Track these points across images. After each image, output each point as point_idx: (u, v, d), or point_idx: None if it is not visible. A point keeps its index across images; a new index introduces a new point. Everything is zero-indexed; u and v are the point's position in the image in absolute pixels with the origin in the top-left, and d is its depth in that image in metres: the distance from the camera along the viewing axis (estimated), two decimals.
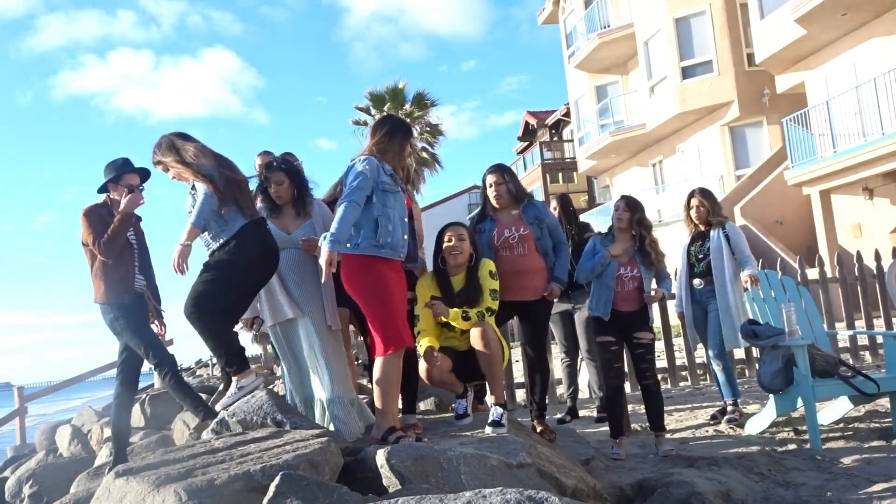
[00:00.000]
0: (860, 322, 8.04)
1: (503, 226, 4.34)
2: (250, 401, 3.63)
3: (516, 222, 4.35)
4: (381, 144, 3.72)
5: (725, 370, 5.36)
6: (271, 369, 8.87)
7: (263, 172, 4.16)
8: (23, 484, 6.76)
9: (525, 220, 4.35)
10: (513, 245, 4.30)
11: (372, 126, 4.03)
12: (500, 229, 4.33)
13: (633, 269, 4.58)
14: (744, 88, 17.00)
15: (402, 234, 3.67)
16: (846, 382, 4.55)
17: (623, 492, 3.63)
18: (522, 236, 4.30)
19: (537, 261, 4.32)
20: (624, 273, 4.57)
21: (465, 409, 4.09)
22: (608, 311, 4.54)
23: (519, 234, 4.30)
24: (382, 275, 3.55)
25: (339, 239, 3.41)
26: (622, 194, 5.08)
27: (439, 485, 2.89)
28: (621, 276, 4.56)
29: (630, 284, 4.57)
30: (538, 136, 31.92)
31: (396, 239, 3.62)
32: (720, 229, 5.40)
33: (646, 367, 4.55)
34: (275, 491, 2.40)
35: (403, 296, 3.72)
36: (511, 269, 4.25)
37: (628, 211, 4.67)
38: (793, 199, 15.69)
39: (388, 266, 3.60)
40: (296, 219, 4.13)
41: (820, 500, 3.44)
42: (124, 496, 2.63)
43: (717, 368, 5.39)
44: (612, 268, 4.57)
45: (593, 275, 4.62)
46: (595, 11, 21.13)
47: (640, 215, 4.68)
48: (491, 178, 4.42)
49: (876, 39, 13.53)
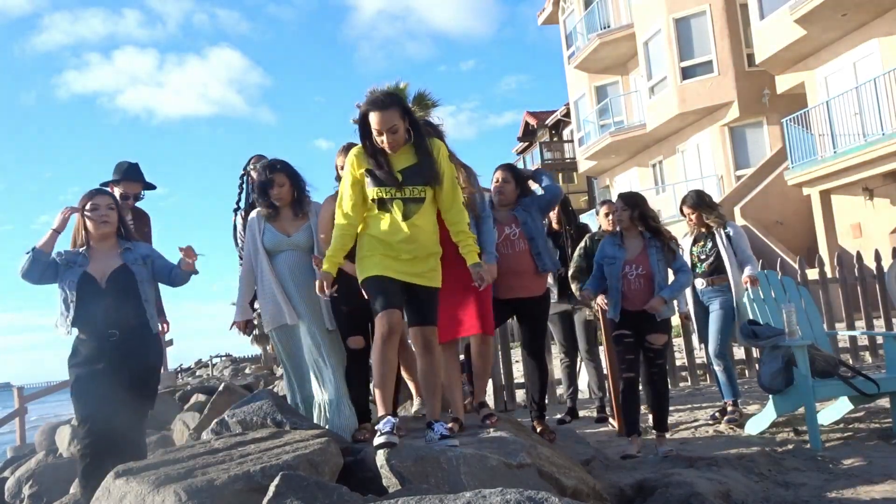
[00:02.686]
0: (860, 322, 8.03)
1: (502, 224, 4.34)
2: (251, 401, 3.64)
3: (513, 220, 4.37)
4: None
5: (726, 370, 5.36)
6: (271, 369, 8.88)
7: (264, 174, 4.15)
8: (23, 484, 6.76)
9: (518, 216, 4.37)
10: (513, 241, 4.31)
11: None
12: (500, 227, 4.32)
13: (640, 268, 4.47)
14: (744, 89, 17.01)
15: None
16: (846, 383, 4.55)
17: (623, 492, 3.63)
18: (521, 232, 4.33)
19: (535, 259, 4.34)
20: (629, 272, 4.48)
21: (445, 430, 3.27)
22: (617, 312, 4.50)
23: (519, 231, 4.33)
24: None
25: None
26: (619, 193, 5.03)
27: (439, 485, 2.88)
28: (626, 274, 4.49)
29: (637, 283, 4.46)
30: (538, 136, 31.90)
31: None
32: (722, 230, 5.39)
33: (655, 370, 4.50)
34: (275, 491, 2.40)
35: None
36: (511, 267, 4.24)
37: (627, 209, 4.55)
38: (793, 199, 15.69)
39: None
40: (294, 220, 4.12)
41: (820, 500, 3.44)
42: (124, 496, 2.63)
43: (717, 368, 5.38)
44: (616, 269, 4.50)
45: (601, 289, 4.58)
46: (595, 12, 21.14)
47: (640, 210, 4.54)
48: (497, 174, 4.44)
49: (876, 39, 13.53)
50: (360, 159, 3.36)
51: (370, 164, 3.33)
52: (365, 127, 3.34)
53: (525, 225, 4.32)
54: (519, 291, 4.29)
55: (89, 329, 3.69)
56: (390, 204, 3.31)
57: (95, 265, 3.75)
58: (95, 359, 3.67)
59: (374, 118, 3.29)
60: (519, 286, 4.28)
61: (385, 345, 3.22)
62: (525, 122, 33.26)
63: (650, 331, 4.46)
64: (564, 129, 29.44)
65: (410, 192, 3.32)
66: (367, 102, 3.34)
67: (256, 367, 25.79)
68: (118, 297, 3.70)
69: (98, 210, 3.77)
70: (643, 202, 4.62)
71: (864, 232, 14.60)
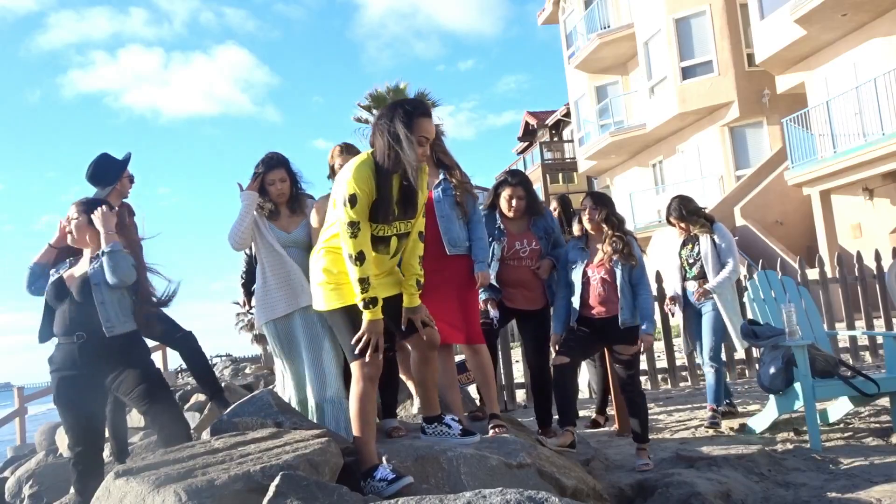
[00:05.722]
0: (860, 322, 8.04)
1: (514, 237, 4.27)
2: (251, 401, 3.64)
3: (527, 235, 4.30)
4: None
5: (718, 373, 5.29)
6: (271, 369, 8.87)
7: (261, 170, 4.08)
8: (23, 484, 6.76)
9: (535, 232, 4.31)
10: (522, 257, 4.26)
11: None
12: (511, 241, 4.25)
13: (603, 273, 4.18)
14: (744, 89, 17.01)
15: None
16: (846, 383, 4.56)
17: (623, 492, 3.63)
18: (534, 251, 4.28)
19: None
20: (592, 276, 4.20)
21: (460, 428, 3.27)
22: (575, 318, 4.22)
23: (530, 248, 4.27)
24: None
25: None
26: (588, 191, 4.99)
27: (439, 485, 2.89)
28: (589, 279, 4.20)
29: (599, 289, 4.17)
30: (538, 136, 31.91)
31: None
32: (708, 235, 5.35)
33: (627, 381, 4.25)
34: (275, 491, 2.40)
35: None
36: (517, 279, 4.23)
37: (596, 209, 4.24)
38: (793, 199, 15.69)
39: None
40: (292, 217, 4.12)
41: (820, 500, 3.44)
42: (124, 496, 2.63)
43: (709, 370, 5.32)
44: (577, 274, 4.23)
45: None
46: (595, 12, 21.14)
47: (607, 211, 4.24)
48: (511, 191, 4.28)
49: (876, 40, 13.53)
50: (371, 182, 2.86)
51: (375, 193, 2.86)
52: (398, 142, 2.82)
53: (543, 254, 4.30)
54: (520, 303, 4.27)
55: (59, 334, 3.74)
56: (386, 241, 2.98)
57: (73, 271, 3.81)
58: (69, 364, 3.70)
59: (425, 125, 2.87)
60: (520, 297, 4.26)
61: (363, 393, 2.92)
62: (525, 122, 33.27)
63: (616, 341, 4.20)
64: (564, 129, 29.44)
65: (404, 227, 3.01)
66: (415, 107, 2.89)
67: (256, 367, 25.79)
68: (83, 301, 3.71)
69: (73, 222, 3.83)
70: (611, 204, 4.37)
71: (864, 232, 14.59)
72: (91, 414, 3.73)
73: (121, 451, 4.64)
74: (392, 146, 2.82)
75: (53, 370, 3.74)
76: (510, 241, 4.25)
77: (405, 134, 2.81)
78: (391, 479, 2.78)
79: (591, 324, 4.22)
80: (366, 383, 2.93)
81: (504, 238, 4.26)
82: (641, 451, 4.19)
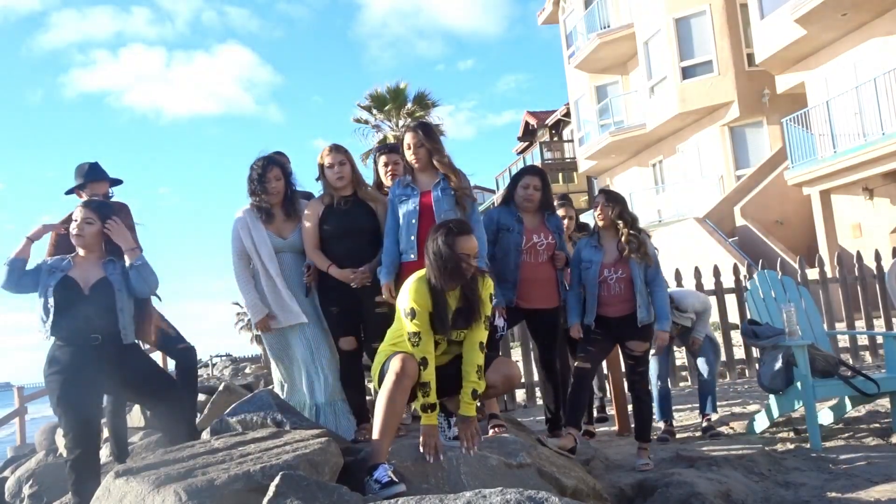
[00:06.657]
0: (860, 322, 8.04)
1: (531, 231, 4.27)
2: (251, 400, 3.64)
3: (543, 229, 4.30)
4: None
5: (662, 391, 5.13)
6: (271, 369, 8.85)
7: (257, 171, 4.03)
8: (23, 484, 6.75)
9: (549, 227, 4.33)
10: (539, 252, 4.25)
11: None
12: (529, 234, 4.25)
13: (619, 271, 4.23)
14: (744, 88, 17.00)
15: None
16: (846, 382, 4.55)
17: (623, 492, 3.63)
18: (550, 244, 4.28)
19: (553, 270, 4.32)
20: (609, 276, 4.24)
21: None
22: (592, 318, 4.26)
23: (547, 242, 4.27)
24: None
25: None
26: (601, 188, 4.96)
27: (439, 485, 2.89)
28: (605, 278, 4.25)
29: (616, 288, 4.23)
30: (538, 136, 31.90)
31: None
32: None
33: (636, 378, 4.31)
34: (275, 491, 2.40)
35: None
36: (533, 276, 4.22)
37: (609, 205, 4.30)
38: (793, 199, 15.68)
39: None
40: (287, 221, 4.08)
41: (820, 500, 3.44)
42: (124, 496, 2.63)
43: (655, 388, 5.11)
44: (594, 273, 4.26)
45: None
46: (595, 11, 21.12)
47: (620, 209, 4.29)
48: (530, 179, 4.32)
49: (876, 39, 13.53)
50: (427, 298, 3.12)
51: (431, 306, 3.12)
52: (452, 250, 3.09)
53: (556, 235, 4.31)
54: (535, 302, 4.25)
55: (69, 334, 3.65)
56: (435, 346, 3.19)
57: (79, 271, 3.75)
58: (77, 366, 3.62)
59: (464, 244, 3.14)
60: (536, 296, 4.24)
61: (396, 386, 3.02)
62: (525, 122, 33.25)
63: (630, 337, 4.26)
64: (564, 129, 29.43)
65: (456, 335, 3.22)
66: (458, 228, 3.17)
67: (256, 367, 25.79)
68: (101, 305, 3.68)
69: (75, 223, 3.79)
70: (624, 201, 4.40)
71: (864, 232, 14.59)
72: (92, 416, 3.71)
73: (121, 451, 4.63)
74: (438, 266, 3.11)
75: (55, 371, 3.64)
76: (528, 235, 4.24)
77: (448, 254, 3.09)
78: (385, 482, 2.80)
79: (606, 322, 4.27)
80: (404, 380, 3.02)
81: (522, 227, 4.24)
82: (642, 450, 4.21)
